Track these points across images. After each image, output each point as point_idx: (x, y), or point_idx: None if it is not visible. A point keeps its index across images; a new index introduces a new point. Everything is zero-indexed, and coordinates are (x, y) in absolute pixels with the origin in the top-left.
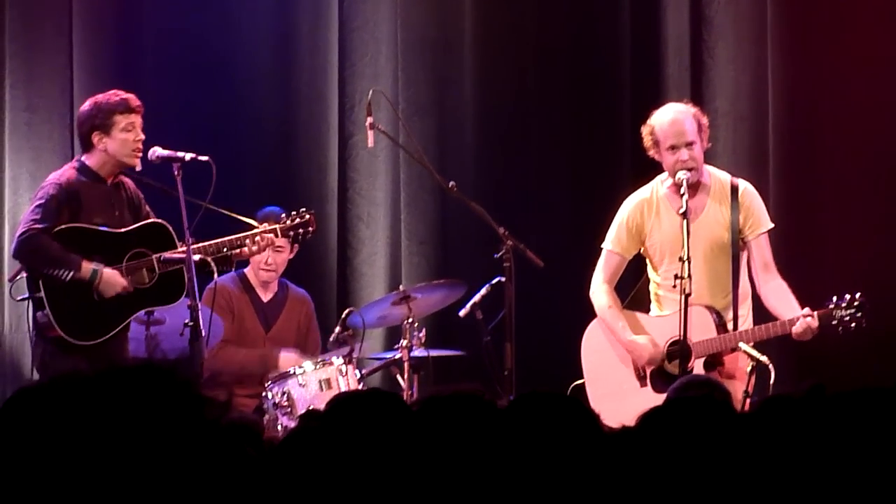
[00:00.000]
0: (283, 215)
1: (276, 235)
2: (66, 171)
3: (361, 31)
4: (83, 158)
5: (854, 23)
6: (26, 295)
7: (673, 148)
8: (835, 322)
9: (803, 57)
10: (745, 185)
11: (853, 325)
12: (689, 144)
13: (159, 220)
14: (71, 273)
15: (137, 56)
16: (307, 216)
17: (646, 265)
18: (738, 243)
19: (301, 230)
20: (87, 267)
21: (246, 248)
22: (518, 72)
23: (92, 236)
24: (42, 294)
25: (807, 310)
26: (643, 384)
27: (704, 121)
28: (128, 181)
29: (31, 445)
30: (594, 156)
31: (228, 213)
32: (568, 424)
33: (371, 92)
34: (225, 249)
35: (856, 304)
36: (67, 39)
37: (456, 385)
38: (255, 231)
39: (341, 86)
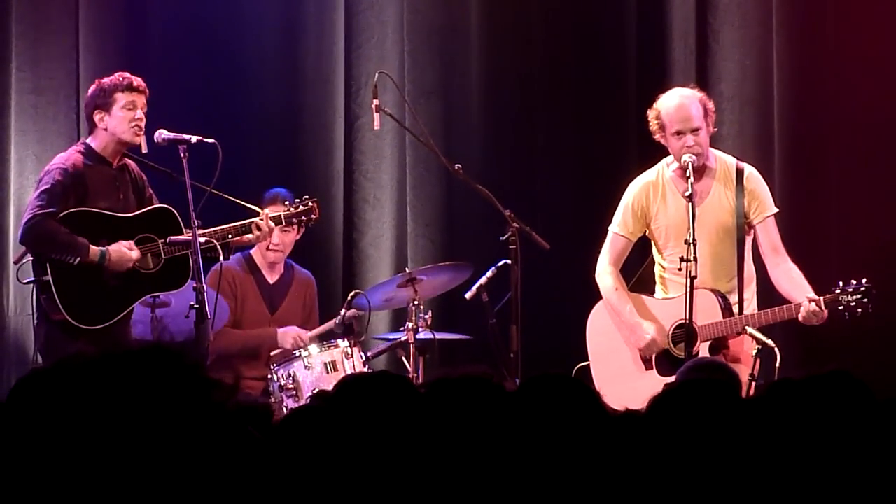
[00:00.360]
0: (287, 202)
1: (280, 223)
2: (72, 155)
3: (367, 13)
4: (88, 140)
5: (859, 5)
6: (32, 278)
7: (679, 133)
8: (841, 307)
9: (808, 40)
10: (749, 170)
11: (859, 310)
12: (695, 130)
13: (166, 206)
14: (79, 258)
15: (144, 39)
16: (310, 203)
17: (651, 248)
18: (742, 227)
19: (304, 217)
20: (95, 251)
21: (250, 235)
22: (524, 55)
23: (98, 220)
24: (49, 277)
25: (813, 295)
26: (648, 367)
27: (711, 106)
28: (132, 164)
29: (43, 427)
30: (600, 139)
31: (233, 200)
32: (579, 408)
33: (377, 74)
34: (230, 236)
35: (862, 289)
36: (74, 22)
37: (464, 368)
38: (257, 219)
39: (347, 68)
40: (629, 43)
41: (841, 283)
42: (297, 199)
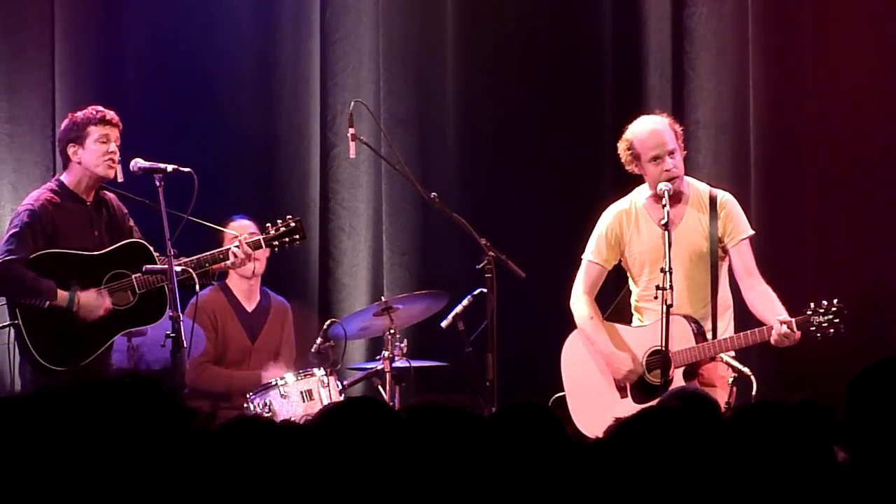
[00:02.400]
0: (269, 224)
1: (260, 247)
2: (42, 194)
3: (343, 42)
4: (62, 177)
5: (834, 33)
6: (6, 322)
7: (656, 158)
8: (813, 328)
9: (784, 68)
10: (723, 195)
11: (831, 331)
12: (671, 153)
13: (139, 240)
14: (47, 303)
15: (119, 67)
16: (292, 224)
17: (627, 276)
18: (716, 252)
19: (287, 238)
20: (63, 295)
21: (228, 261)
22: (500, 83)
23: (68, 261)
24: (19, 321)
25: (784, 316)
26: (623, 395)
27: (679, 128)
28: (111, 197)
29: (14, 456)
30: (576, 167)
31: (210, 225)
32: (551, 436)
33: (353, 103)
34: (207, 264)
35: (833, 310)
36: (49, 51)
37: (445, 396)
38: (232, 246)
39: (323, 97)
40: (605, 71)
41: (812, 304)
42: (279, 220)
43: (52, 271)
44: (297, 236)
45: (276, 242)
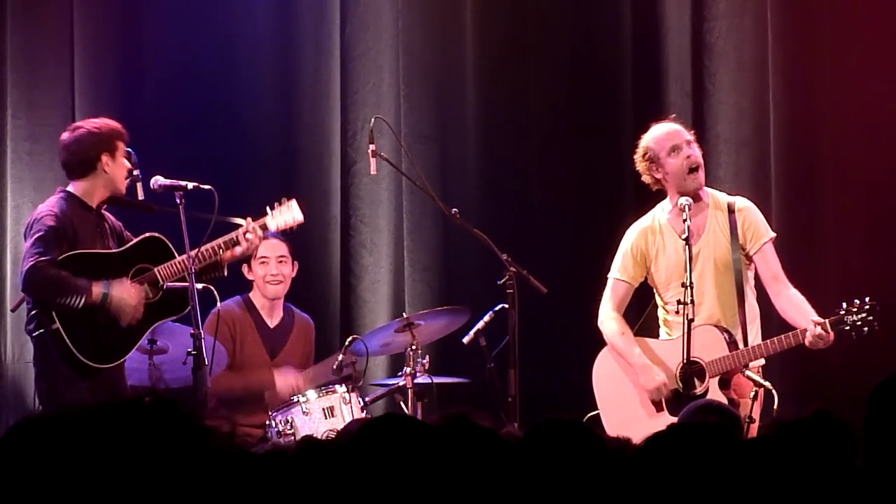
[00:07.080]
0: (267, 208)
1: (265, 229)
2: (57, 202)
3: (363, 58)
4: (70, 188)
5: (854, 47)
6: (41, 330)
7: (675, 149)
8: (847, 328)
9: (804, 81)
10: (740, 202)
11: (865, 329)
12: (689, 142)
13: (155, 234)
14: (83, 299)
15: (139, 85)
16: (287, 203)
17: (653, 292)
18: (740, 260)
19: (286, 221)
20: (98, 291)
21: (238, 248)
22: (520, 98)
23: (95, 260)
24: (58, 325)
25: (817, 318)
26: (659, 409)
27: (692, 135)
28: (106, 213)
29: (33, 476)
30: (597, 181)
31: (221, 218)
32: (588, 452)
33: (373, 119)
34: (220, 250)
35: (867, 307)
36: (69, 69)
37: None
38: (240, 231)
39: (343, 113)
40: (625, 86)
41: (844, 304)
42: (276, 202)
43: (82, 270)
44: (297, 217)
45: (283, 223)
